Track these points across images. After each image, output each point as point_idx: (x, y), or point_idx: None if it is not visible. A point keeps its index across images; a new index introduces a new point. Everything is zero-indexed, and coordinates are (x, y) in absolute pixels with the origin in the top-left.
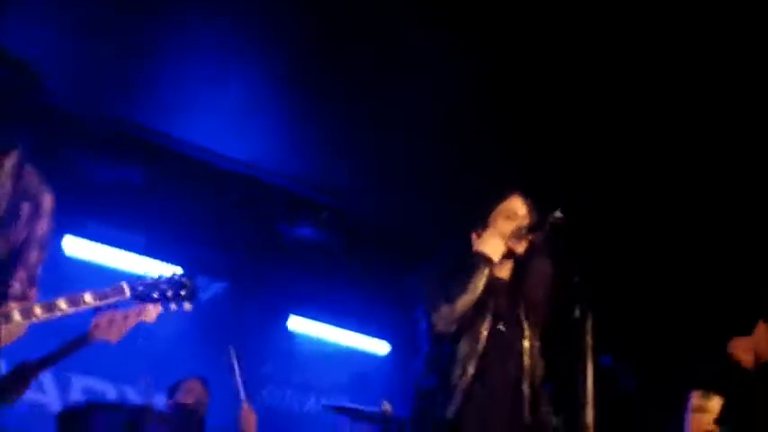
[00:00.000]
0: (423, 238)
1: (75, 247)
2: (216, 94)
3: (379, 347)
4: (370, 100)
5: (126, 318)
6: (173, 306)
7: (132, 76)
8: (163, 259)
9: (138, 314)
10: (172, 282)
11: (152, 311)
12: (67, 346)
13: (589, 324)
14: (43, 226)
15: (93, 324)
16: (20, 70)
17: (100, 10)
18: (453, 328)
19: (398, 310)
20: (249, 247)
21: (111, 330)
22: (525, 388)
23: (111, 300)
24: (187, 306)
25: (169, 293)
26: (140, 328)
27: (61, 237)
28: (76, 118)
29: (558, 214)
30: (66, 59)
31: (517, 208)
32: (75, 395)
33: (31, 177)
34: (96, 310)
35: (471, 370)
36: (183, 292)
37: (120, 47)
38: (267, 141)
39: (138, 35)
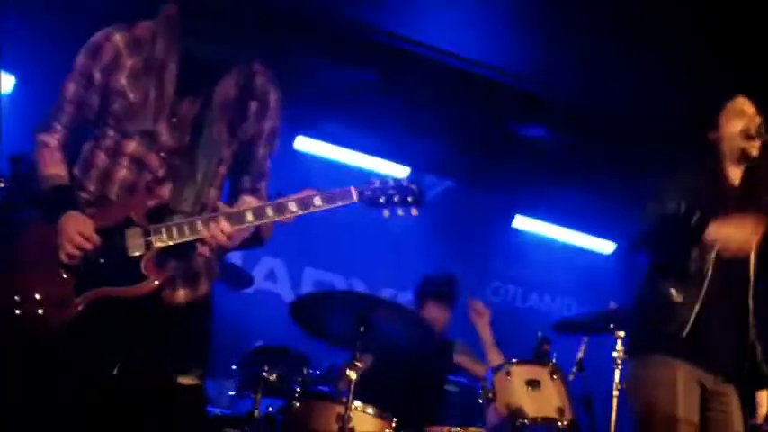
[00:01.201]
0: (652, 137)
1: (307, 145)
2: None
3: (605, 246)
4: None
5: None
6: (399, 211)
7: None
8: (392, 158)
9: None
10: (399, 187)
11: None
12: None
13: None
14: (270, 123)
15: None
16: None
17: None
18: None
19: (625, 210)
20: (478, 145)
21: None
22: (750, 301)
23: (339, 204)
24: (413, 212)
25: (396, 198)
26: (370, 224)
27: (294, 136)
28: (309, 21)
29: None
30: None
31: (745, 106)
32: (306, 286)
33: (260, 76)
34: None
35: (704, 287)
36: (410, 198)
37: None
38: (498, 39)
39: None
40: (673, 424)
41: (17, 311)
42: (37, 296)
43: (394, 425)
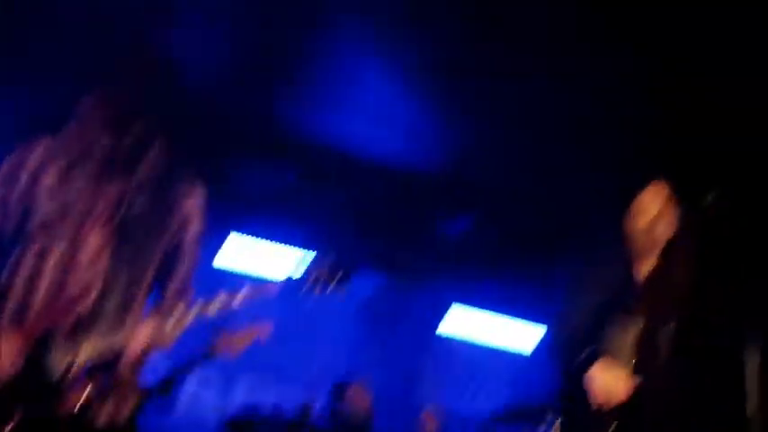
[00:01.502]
0: (577, 224)
1: (234, 247)
2: (371, 90)
3: (529, 345)
4: (518, 92)
5: (244, 335)
6: (326, 291)
7: (281, 76)
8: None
9: (254, 332)
10: (323, 267)
11: (266, 330)
12: (193, 361)
13: (756, 347)
14: (194, 228)
15: (215, 342)
16: (160, 67)
17: (247, 15)
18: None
19: (551, 296)
20: (403, 241)
21: (232, 347)
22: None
23: (265, 292)
24: (339, 291)
25: (321, 279)
26: (300, 325)
27: (216, 239)
28: (224, 120)
29: (711, 199)
30: (217, 65)
31: (655, 197)
32: (239, 394)
33: (182, 179)
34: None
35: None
36: (335, 278)
37: (268, 49)
38: (419, 135)
39: (282, 36)
40: None
41: None
42: None
43: None
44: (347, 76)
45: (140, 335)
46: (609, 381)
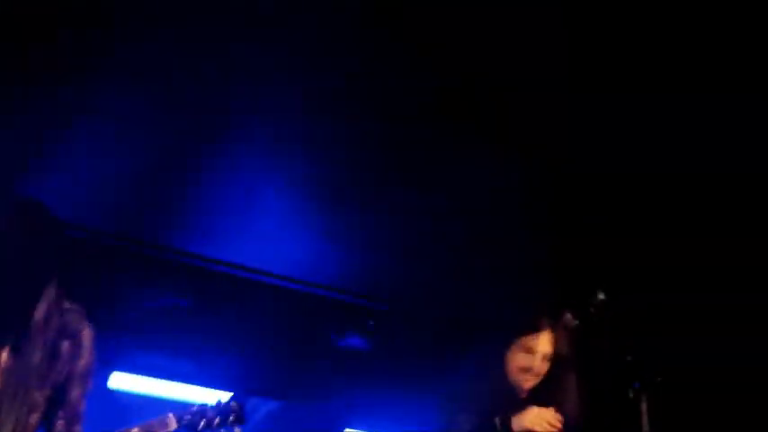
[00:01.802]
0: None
1: (123, 381)
2: (258, 213)
3: None
4: (411, 215)
5: None
6: (220, 426)
7: (174, 202)
8: (213, 385)
9: None
10: (219, 409)
11: None
12: None
13: (644, 405)
14: (84, 362)
15: None
16: (36, 214)
17: (141, 140)
18: None
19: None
20: (299, 361)
21: None
22: None
23: (158, 428)
24: (234, 426)
25: (217, 421)
26: None
27: (108, 373)
28: (117, 248)
29: (600, 296)
30: (108, 190)
31: (539, 343)
32: None
33: (71, 313)
34: None
35: None
36: (231, 418)
37: (162, 176)
38: (310, 252)
39: (175, 163)
40: None
41: None
42: None
43: None
44: (240, 203)
45: None
46: (538, 412)
